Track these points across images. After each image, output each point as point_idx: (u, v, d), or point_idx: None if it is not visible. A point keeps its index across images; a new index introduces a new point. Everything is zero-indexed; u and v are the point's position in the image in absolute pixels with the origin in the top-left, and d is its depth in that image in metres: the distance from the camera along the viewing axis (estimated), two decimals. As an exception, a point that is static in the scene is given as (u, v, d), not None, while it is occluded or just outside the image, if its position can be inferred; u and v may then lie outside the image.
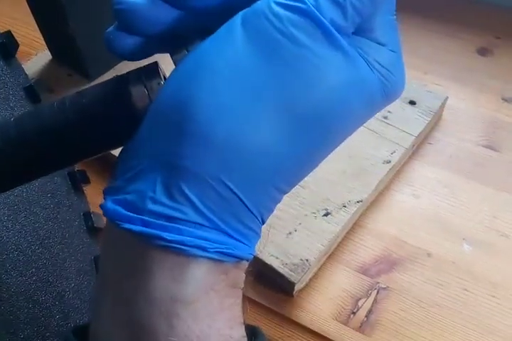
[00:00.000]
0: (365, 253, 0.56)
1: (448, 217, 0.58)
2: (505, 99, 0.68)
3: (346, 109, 0.25)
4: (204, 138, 0.24)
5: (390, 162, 0.59)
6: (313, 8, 0.23)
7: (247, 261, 0.26)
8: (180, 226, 0.24)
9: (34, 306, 0.42)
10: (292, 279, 0.51)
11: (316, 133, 0.25)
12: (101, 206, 0.26)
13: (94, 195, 0.55)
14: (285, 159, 0.24)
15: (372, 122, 0.61)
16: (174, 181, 0.24)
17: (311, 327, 0.51)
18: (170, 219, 0.24)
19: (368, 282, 0.54)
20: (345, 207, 0.55)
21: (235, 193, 0.24)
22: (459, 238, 0.56)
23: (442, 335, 0.50)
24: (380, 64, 0.26)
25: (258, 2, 0.24)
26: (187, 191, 0.24)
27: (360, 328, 0.51)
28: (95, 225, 0.51)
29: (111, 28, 0.27)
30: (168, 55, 0.28)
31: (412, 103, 0.64)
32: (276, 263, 0.52)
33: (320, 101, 0.24)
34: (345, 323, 0.51)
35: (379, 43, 0.26)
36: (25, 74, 0.49)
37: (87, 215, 0.51)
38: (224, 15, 0.26)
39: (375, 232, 0.57)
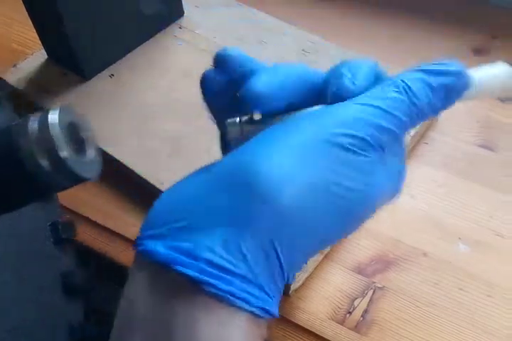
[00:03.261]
0: (361, 253, 0.56)
1: (444, 217, 0.58)
2: (500, 99, 0.68)
3: (373, 212, 0.30)
4: (270, 203, 0.26)
5: (386, 161, 0.59)
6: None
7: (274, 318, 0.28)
8: (232, 278, 0.25)
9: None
10: (288, 279, 0.51)
11: (351, 224, 0.29)
12: (145, 249, 0.26)
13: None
14: (325, 237, 0.28)
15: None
16: (234, 237, 0.26)
17: (307, 327, 0.51)
18: (223, 270, 0.25)
19: (363, 281, 0.54)
20: (341, 206, 0.55)
21: (278, 257, 0.26)
22: (454, 238, 0.56)
23: (438, 335, 0.50)
24: (398, 173, 0.31)
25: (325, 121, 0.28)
26: (243, 247, 0.25)
27: (356, 328, 0.51)
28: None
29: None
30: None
31: (408, 103, 0.63)
32: (272, 263, 0.52)
33: (366, 206, 0.29)
34: (341, 323, 0.51)
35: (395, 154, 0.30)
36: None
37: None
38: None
39: (371, 232, 0.57)
